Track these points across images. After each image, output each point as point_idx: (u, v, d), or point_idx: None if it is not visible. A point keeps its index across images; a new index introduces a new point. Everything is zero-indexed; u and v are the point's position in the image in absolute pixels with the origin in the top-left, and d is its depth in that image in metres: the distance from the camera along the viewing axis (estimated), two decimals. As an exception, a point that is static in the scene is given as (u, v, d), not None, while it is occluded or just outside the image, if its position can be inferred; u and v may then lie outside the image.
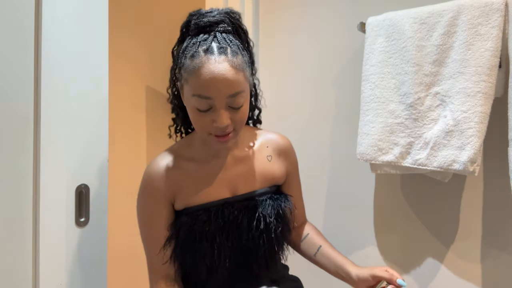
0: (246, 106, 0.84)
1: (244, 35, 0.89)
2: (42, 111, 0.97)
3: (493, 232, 1.19)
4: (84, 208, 1.04)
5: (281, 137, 1.01)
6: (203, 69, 0.77)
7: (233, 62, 0.78)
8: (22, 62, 0.95)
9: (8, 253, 0.92)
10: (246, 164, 0.95)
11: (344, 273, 0.94)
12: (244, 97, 0.82)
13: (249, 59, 0.86)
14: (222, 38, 0.81)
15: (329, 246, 1.01)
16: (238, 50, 0.81)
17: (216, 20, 0.83)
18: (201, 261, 0.89)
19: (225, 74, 0.77)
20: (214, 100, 0.78)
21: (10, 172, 0.92)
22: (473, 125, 1.06)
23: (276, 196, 0.97)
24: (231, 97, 0.79)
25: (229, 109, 0.81)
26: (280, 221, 0.93)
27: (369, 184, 1.39)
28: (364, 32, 1.29)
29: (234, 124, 0.83)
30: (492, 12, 1.06)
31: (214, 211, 0.89)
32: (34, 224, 0.96)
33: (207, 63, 0.77)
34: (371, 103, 1.24)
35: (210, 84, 0.77)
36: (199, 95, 0.79)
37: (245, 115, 0.84)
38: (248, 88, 0.84)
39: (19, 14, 0.94)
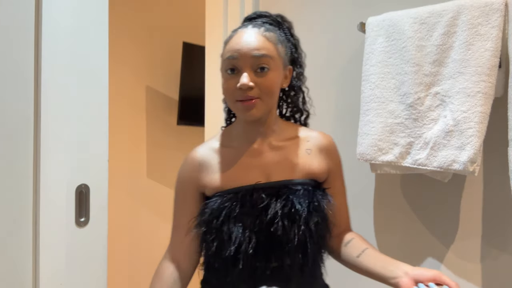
0: (274, 77, 0.87)
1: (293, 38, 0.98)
2: (42, 111, 0.97)
3: (493, 232, 1.19)
4: (84, 208, 1.04)
5: (325, 135, 0.99)
6: (235, 36, 0.89)
7: (264, 34, 0.88)
8: (22, 62, 0.95)
9: (8, 253, 0.92)
10: (282, 152, 0.94)
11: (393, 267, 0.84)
12: (271, 64, 0.86)
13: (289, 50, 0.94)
14: (261, 22, 0.92)
15: (375, 250, 0.93)
16: (274, 31, 0.90)
17: (262, 14, 0.96)
18: (226, 245, 0.86)
19: (253, 38, 0.86)
20: (240, 60, 0.85)
21: (10, 172, 0.92)
22: (473, 125, 1.06)
23: (312, 188, 0.91)
24: (256, 58, 0.85)
25: (255, 73, 0.86)
26: (315, 214, 0.87)
27: (369, 184, 1.39)
28: (364, 32, 1.29)
29: (259, 90, 0.86)
30: (492, 12, 1.06)
31: (242, 194, 0.88)
32: (34, 224, 0.96)
33: (239, 31, 0.89)
34: (371, 103, 1.24)
35: (237, 45, 0.86)
36: (228, 56, 0.87)
37: (272, 84, 0.87)
38: (280, 63, 0.89)
39: (19, 14, 0.94)
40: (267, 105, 0.88)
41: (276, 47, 0.88)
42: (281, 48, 0.90)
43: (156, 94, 2.52)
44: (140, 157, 2.45)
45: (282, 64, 0.90)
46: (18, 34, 0.94)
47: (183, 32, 2.56)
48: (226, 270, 0.88)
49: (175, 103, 2.56)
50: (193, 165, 0.94)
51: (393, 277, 0.82)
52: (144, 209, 2.44)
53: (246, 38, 0.86)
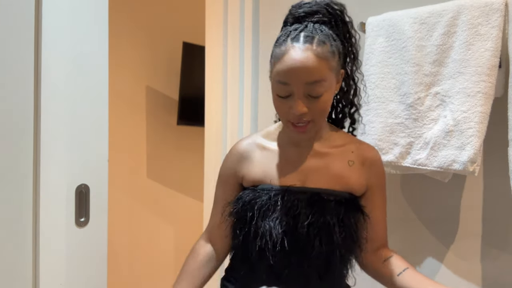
0: (327, 97, 0.84)
1: (345, 26, 0.91)
2: (42, 111, 0.97)
3: (493, 232, 1.19)
4: (84, 208, 1.04)
5: (371, 148, 0.97)
6: (286, 56, 0.81)
7: (317, 50, 0.81)
8: (22, 62, 0.95)
9: (8, 253, 0.92)
10: (324, 160, 0.92)
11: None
12: (325, 87, 0.82)
13: (342, 50, 0.88)
14: (312, 28, 0.84)
15: (417, 271, 0.91)
16: (327, 39, 0.83)
17: (311, 11, 0.87)
18: (252, 240, 0.87)
19: (305, 61, 0.80)
20: (292, 86, 0.81)
21: (10, 172, 0.93)
22: (473, 125, 1.06)
23: (346, 201, 0.90)
24: (309, 84, 0.81)
25: (307, 97, 0.82)
26: (344, 228, 0.86)
27: (369, 184, 1.39)
28: (364, 32, 1.29)
29: (312, 114, 0.84)
30: (492, 12, 1.06)
31: (274, 193, 0.88)
32: (34, 224, 0.96)
33: (290, 50, 0.81)
34: (371, 103, 1.24)
35: (289, 69, 0.81)
36: (279, 80, 0.83)
37: (325, 106, 0.85)
38: (333, 78, 0.85)
39: (19, 14, 0.94)
40: (319, 125, 0.88)
41: (329, 64, 0.83)
42: (334, 60, 0.84)
43: (156, 94, 2.52)
44: (140, 157, 2.45)
45: (335, 77, 0.87)
46: (18, 34, 0.94)
47: (183, 32, 2.56)
48: (249, 263, 0.90)
49: (175, 103, 2.56)
50: (235, 156, 0.97)
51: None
52: (144, 209, 2.44)
53: (298, 61, 0.80)
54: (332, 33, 0.86)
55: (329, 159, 0.92)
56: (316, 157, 0.92)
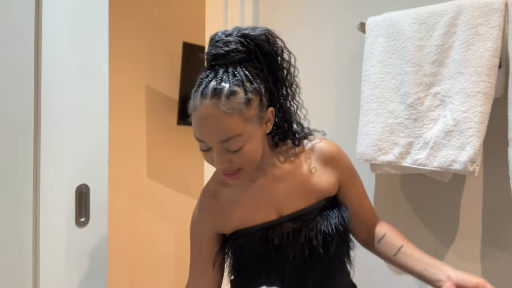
0: (249, 147, 0.79)
1: (269, 56, 0.83)
2: (42, 111, 0.97)
3: (493, 232, 1.19)
4: (84, 208, 1.04)
5: (327, 144, 0.93)
6: (196, 113, 0.77)
7: (226, 106, 0.75)
8: (22, 62, 0.95)
9: (8, 253, 0.92)
10: (288, 181, 0.89)
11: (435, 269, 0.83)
12: (242, 141, 0.78)
13: (267, 86, 0.82)
14: (223, 75, 0.77)
15: (412, 246, 0.91)
16: (239, 86, 0.76)
17: (223, 52, 0.79)
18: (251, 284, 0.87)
19: (214, 120, 0.75)
20: (208, 143, 0.79)
21: (10, 172, 0.92)
22: (473, 125, 1.06)
23: (326, 212, 0.89)
24: (223, 142, 0.77)
25: (226, 151, 0.79)
26: (332, 239, 0.86)
27: (369, 184, 1.39)
28: (364, 32, 1.29)
29: (238, 164, 0.81)
30: (492, 12, 1.06)
31: (259, 235, 0.87)
32: (34, 224, 0.96)
33: (200, 107, 0.76)
34: (371, 103, 1.24)
35: (201, 129, 0.78)
36: (196, 136, 0.80)
37: (250, 155, 0.80)
38: (252, 127, 0.79)
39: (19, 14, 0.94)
40: (251, 167, 0.83)
41: (243, 116, 0.77)
42: (253, 106, 0.78)
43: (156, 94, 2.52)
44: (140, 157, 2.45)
45: (258, 122, 0.81)
46: (18, 34, 0.94)
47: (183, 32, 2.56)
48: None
49: (175, 103, 2.56)
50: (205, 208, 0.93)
51: (436, 280, 0.81)
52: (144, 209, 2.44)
53: (206, 123, 0.76)
54: (248, 74, 0.78)
55: (291, 177, 0.90)
56: (279, 182, 0.89)
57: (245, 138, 0.78)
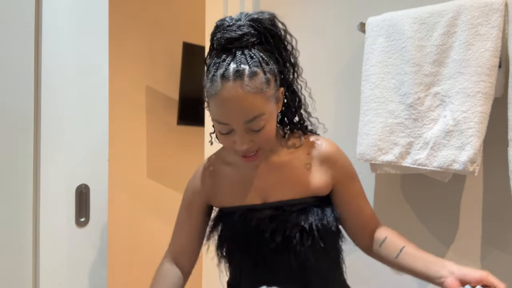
0: (270, 126, 0.83)
1: (276, 38, 0.86)
2: (42, 111, 0.97)
3: (493, 232, 1.19)
4: (84, 208, 1.04)
5: (327, 143, 0.94)
6: (219, 96, 0.78)
7: (250, 86, 0.77)
8: (22, 62, 0.95)
9: (8, 253, 0.92)
10: (281, 171, 0.91)
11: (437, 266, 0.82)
12: (265, 119, 0.80)
13: (278, 68, 0.85)
14: (241, 57, 0.79)
15: (413, 247, 0.90)
16: (258, 67, 0.79)
17: (237, 36, 0.80)
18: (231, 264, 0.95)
19: (240, 101, 0.77)
20: (231, 125, 0.80)
21: (10, 172, 0.93)
22: (473, 125, 1.06)
23: (309, 208, 0.89)
24: (249, 122, 0.79)
25: (249, 132, 0.81)
26: (308, 234, 0.86)
27: (369, 184, 1.39)
28: (364, 32, 1.29)
29: (258, 144, 0.83)
30: (492, 12, 1.06)
31: (238, 215, 0.90)
32: (34, 224, 0.96)
33: (222, 90, 0.77)
34: (371, 103, 1.24)
35: (226, 111, 0.79)
36: (217, 120, 0.81)
37: (270, 134, 0.83)
38: (273, 106, 0.83)
39: (19, 14, 0.94)
40: (267, 148, 0.88)
41: (265, 95, 0.80)
42: (271, 85, 0.81)
43: (156, 94, 2.52)
44: (140, 157, 2.45)
45: (275, 102, 0.84)
46: (18, 34, 0.94)
47: (183, 32, 2.56)
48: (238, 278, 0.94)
49: (175, 103, 2.56)
50: (201, 178, 0.97)
51: (439, 277, 0.80)
52: (144, 209, 2.44)
53: (233, 104, 0.77)
54: (263, 56, 0.81)
55: (286, 168, 0.91)
56: (273, 170, 0.92)
57: (267, 117, 0.81)
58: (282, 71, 0.88)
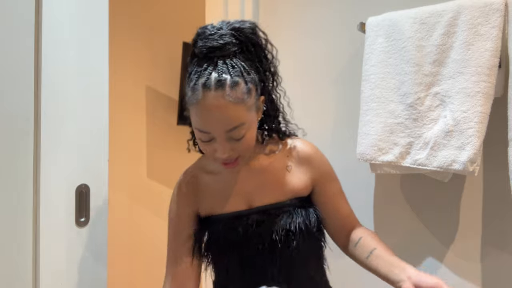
0: (250, 134, 0.84)
1: (257, 47, 0.86)
2: (42, 111, 0.97)
3: (493, 232, 1.19)
4: (84, 208, 1.04)
5: (305, 144, 0.96)
6: (200, 105, 0.78)
7: (231, 96, 0.77)
8: (22, 62, 0.95)
9: (8, 253, 0.92)
10: (263, 175, 0.93)
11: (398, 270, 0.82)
12: (246, 128, 0.81)
13: (259, 77, 0.85)
14: (222, 67, 0.79)
15: (384, 249, 0.91)
16: (240, 77, 0.79)
17: (219, 45, 0.80)
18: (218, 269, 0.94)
19: (222, 111, 0.77)
20: (212, 134, 0.81)
21: (10, 172, 0.92)
22: (473, 125, 1.06)
23: (293, 210, 0.91)
24: (230, 131, 0.80)
25: (230, 140, 0.81)
26: (293, 236, 0.88)
27: (369, 184, 1.39)
28: (364, 32, 1.29)
29: (238, 152, 0.84)
30: (492, 12, 1.06)
31: (223, 223, 0.91)
32: (34, 224, 0.96)
33: (204, 99, 0.77)
34: (371, 103, 1.24)
35: (207, 120, 0.79)
36: (198, 128, 0.81)
37: (250, 143, 0.84)
38: (253, 115, 0.84)
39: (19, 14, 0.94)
40: (248, 155, 0.88)
41: (246, 105, 0.80)
42: (252, 95, 0.82)
43: (156, 94, 2.52)
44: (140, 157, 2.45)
45: (256, 111, 0.85)
46: (18, 34, 0.94)
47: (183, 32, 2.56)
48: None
49: (175, 103, 2.56)
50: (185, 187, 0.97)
51: (397, 281, 0.81)
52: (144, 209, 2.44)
53: (214, 114, 0.78)
54: (244, 65, 0.81)
55: (267, 172, 0.93)
56: (255, 175, 0.93)
57: (247, 126, 0.82)
58: (263, 80, 0.88)
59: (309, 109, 1.52)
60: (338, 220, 0.97)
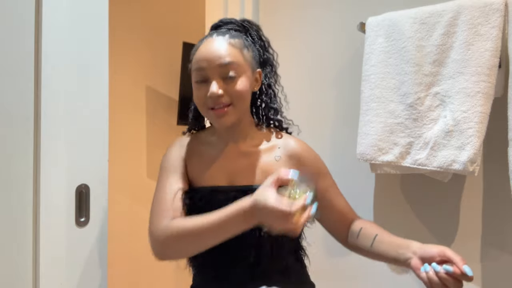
0: (243, 82, 0.88)
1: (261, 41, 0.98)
2: (42, 111, 0.97)
3: (493, 232, 1.19)
4: (84, 208, 1.04)
5: (297, 142, 0.98)
6: (201, 46, 0.91)
7: (229, 41, 0.89)
8: (22, 62, 0.95)
9: (8, 253, 0.92)
10: (249, 159, 0.95)
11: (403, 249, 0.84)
12: (239, 71, 0.88)
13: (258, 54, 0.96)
14: (226, 30, 0.93)
15: (386, 233, 0.92)
16: (239, 37, 0.92)
17: (226, 21, 0.97)
18: None
19: (218, 46, 0.88)
20: (207, 70, 0.87)
21: (10, 172, 0.92)
22: (473, 125, 1.06)
23: None
24: (223, 67, 0.87)
25: (223, 80, 0.87)
26: None
27: (369, 184, 1.39)
28: (364, 32, 1.29)
29: (230, 97, 0.88)
30: (492, 12, 1.06)
31: (201, 194, 0.92)
32: (34, 224, 0.96)
33: (205, 41, 0.91)
34: (371, 103, 1.24)
35: (204, 55, 0.88)
36: (196, 68, 0.89)
37: (242, 89, 0.88)
38: (247, 68, 0.90)
39: (19, 14, 0.94)
40: (239, 110, 0.91)
41: (242, 53, 0.90)
42: (248, 53, 0.92)
43: (156, 94, 2.52)
44: (140, 157, 2.45)
45: (250, 68, 0.92)
46: (18, 34, 0.94)
47: (183, 32, 2.56)
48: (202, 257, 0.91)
49: (175, 103, 2.56)
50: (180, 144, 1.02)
51: (405, 260, 0.83)
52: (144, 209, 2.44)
53: (211, 48, 0.88)
54: (246, 38, 0.95)
55: (256, 157, 0.95)
56: (241, 157, 0.95)
57: (241, 70, 0.89)
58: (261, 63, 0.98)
59: (309, 109, 1.52)
60: (334, 214, 0.98)
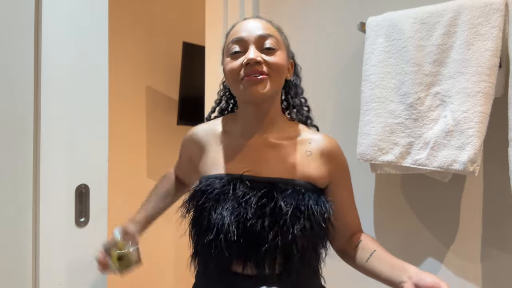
0: (281, 57, 0.87)
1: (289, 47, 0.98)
2: (42, 111, 0.97)
3: (493, 232, 1.19)
4: (84, 208, 1.04)
5: (329, 138, 0.94)
6: (238, 24, 0.90)
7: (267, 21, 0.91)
8: (22, 62, 0.95)
9: (8, 253, 0.92)
10: (277, 151, 0.90)
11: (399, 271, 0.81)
12: (277, 45, 0.87)
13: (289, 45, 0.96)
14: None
15: (384, 251, 0.89)
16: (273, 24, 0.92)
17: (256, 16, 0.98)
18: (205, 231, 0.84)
19: (258, 21, 0.89)
20: (246, 40, 0.86)
21: (10, 172, 0.92)
22: (473, 125, 1.06)
23: (305, 191, 0.85)
24: (262, 37, 0.86)
25: (262, 51, 0.86)
26: (302, 218, 0.81)
27: (369, 184, 1.39)
28: (364, 32, 1.29)
29: (268, 67, 0.85)
30: (492, 12, 1.06)
31: (225, 181, 0.85)
32: (34, 224, 0.96)
33: (242, 21, 0.91)
34: (371, 103, 1.24)
35: (243, 27, 0.88)
36: (233, 40, 0.87)
37: (279, 63, 0.86)
38: (283, 48, 0.90)
39: (19, 14, 0.94)
40: (275, 84, 0.87)
41: (280, 33, 0.91)
42: (285, 39, 0.93)
43: (156, 94, 2.52)
44: (140, 157, 2.45)
45: (286, 51, 0.92)
46: (18, 34, 0.94)
47: (183, 32, 2.56)
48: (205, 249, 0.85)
49: (175, 103, 2.56)
50: (192, 141, 0.98)
51: (399, 282, 0.80)
52: (144, 209, 2.44)
53: (251, 21, 0.89)
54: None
55: (283, 149, 0.90)
56: (269, 148, 0.90)
57: (279, 46, 0.88)
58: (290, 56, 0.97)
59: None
60: (344, 222, 0.95)
